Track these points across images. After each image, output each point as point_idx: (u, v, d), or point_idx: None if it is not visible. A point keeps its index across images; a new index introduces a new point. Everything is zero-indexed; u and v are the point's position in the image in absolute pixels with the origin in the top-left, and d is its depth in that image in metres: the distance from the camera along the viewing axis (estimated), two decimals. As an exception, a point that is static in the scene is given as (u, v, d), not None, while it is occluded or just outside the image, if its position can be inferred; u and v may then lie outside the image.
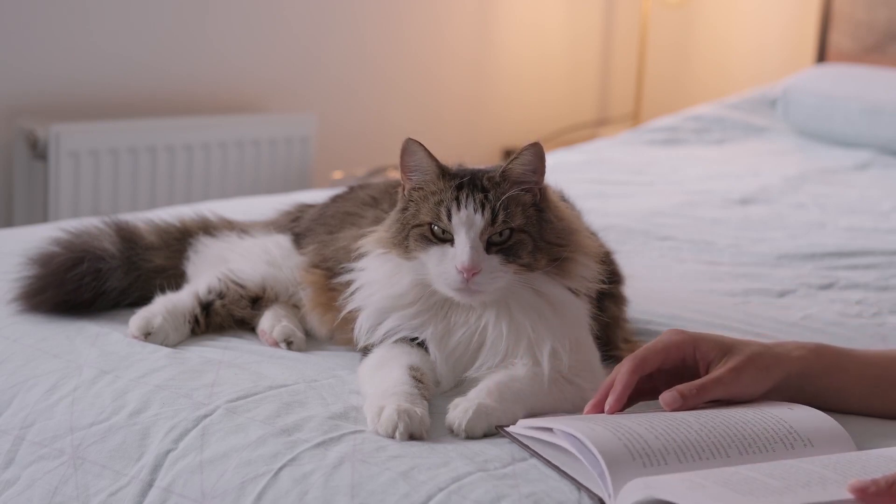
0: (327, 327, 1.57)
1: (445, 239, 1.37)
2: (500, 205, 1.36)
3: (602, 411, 1.27)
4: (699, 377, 1.30)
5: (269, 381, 1.40)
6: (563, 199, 1.55)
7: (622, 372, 1.29)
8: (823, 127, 3.55)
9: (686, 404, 1.26)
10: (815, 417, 1.26)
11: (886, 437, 1.31)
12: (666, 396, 1.26)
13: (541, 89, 4.41)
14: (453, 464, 1.20)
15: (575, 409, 1.35)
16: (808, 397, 1.32)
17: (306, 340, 1.57)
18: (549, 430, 1.21)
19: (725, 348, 1.31)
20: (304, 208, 1.78)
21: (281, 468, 1.23)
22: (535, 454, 1.21)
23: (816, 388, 1.34)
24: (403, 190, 1.43)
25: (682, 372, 1.32)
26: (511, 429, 1.26)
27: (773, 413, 1.24)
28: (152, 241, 1.70)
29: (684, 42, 4.51)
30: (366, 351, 1.44)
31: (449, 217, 1.36)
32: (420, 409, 1.28)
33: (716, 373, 1.29)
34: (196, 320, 1.57)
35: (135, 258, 1.66)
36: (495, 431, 1.28)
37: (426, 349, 1.40)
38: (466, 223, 1.35)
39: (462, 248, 1.34)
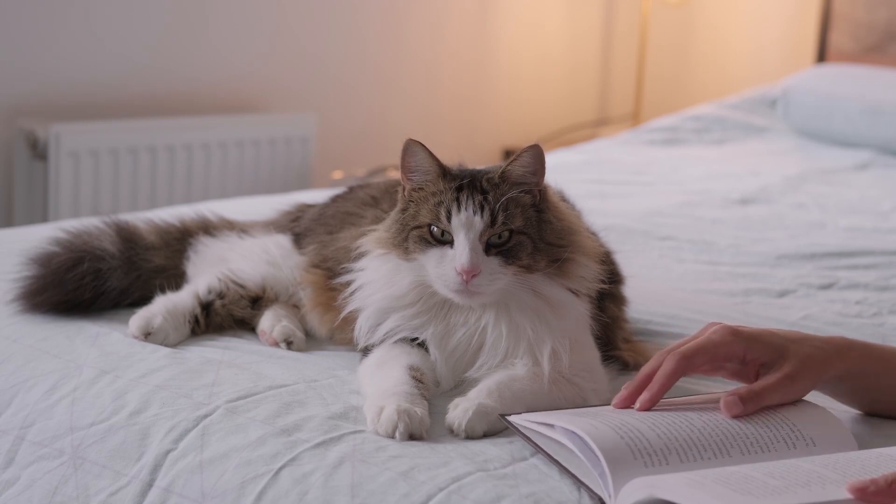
0: (327, 327, 1.57)
1: (445, 241, 1.37)
2: (500, 206, 1.36)
3: (633, 403, 1.24)
4: (741, 371, 1.28)
5: (269, 381, 1.40)
6: (564, 199, 1.55)
7: (665, 372, 1.24)
8: (823, 127, 3.55)
9: (747, 410, 1.22)
10: (820, 416, 1.25)
11: (887, 437, 1.31)
12: (728, 401, 1.22)
13: (541, 89, 4.41)
14: (453, 464, 1.20)
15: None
16: (839, 393, 1.32)
17: (306, 340, 1.57)
18: (552, 426, 1.21)
19: (778, 351, 1.26)
20: (304, 208, 1.78)
21: (281, 468, 1.23)
22: (537, 448, 1.21)
23: (858, 386, 1.33)
24: (404, 190, 1.43)
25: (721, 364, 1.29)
26: (513, 418, 1.26)
27: (777, 410, 1.24)
28: (152, 241, 1.70)
29: (684, 42, 4.51)
30: (366, 351, 1.44)
31: (448, 218, 1.36)
32: (420, 409, 1.28)
33: (771, 379, 1.25)
34: (196, 320, 1.57)
35: (135, 258, 1.66)
36: (495, 432, 1.28)
37: (426, 349, 1.40)
38: (466, 225, 1.35)
39: (461, 250, 1.34)
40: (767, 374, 1.26)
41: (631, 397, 1.25)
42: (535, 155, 1.38)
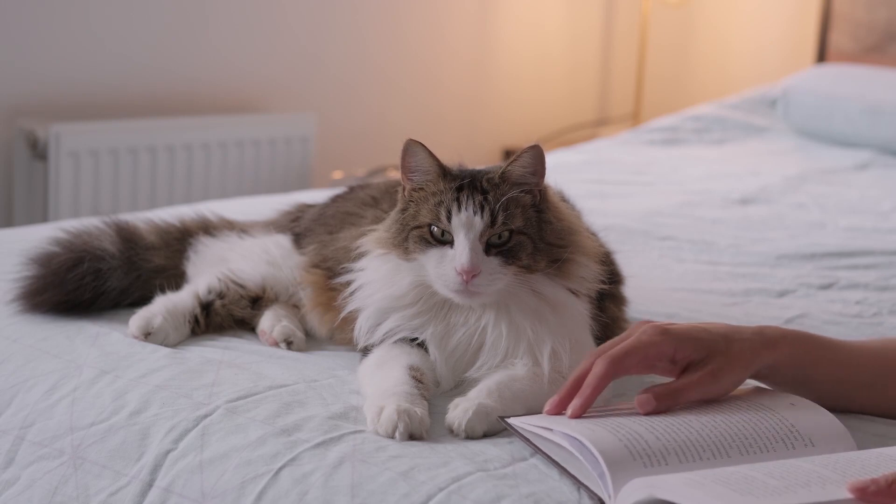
0: (327, 327, 1.57)
1: (445, 241, 1.37)
2: (500, 207, 1.36)
3: (565, 408, 1.24)
4: (672, 370, 1.28)
5: (269, 381, 1.40)
6: (564, 199, 1.55)
7: (595, 376, 1.23)
8: (823, 127, 3.55)
9: (659, 407, 1.23)
10: (817, 415, 1.25)
11: (886, 436, 1.31)
12: (641, 399, 1.23)
13: (541, 89, 4.41)
14: (453, 464, 1.20)
15: (575, 409, 1.35)
16: (777, 383, 1.32)
17: (306, 340, 1.57)
18: (550, 429, 1.21)
19: (707, 348, 1.27)
20: (304, 208, 1.78)
21: (281, 468, 1.23)
22: (536, 449, 1.21)
23: (793, 376, 1.32)
24: (404, 191, 1.43)
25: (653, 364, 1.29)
26: (512, 421, 1.26)
27: (776, 410, 1.24)
28: (152, 241, 1.70)
29: (684, 42, 4.51)
30: (366, 351, 1.44)
31: (449, 218, 1.36)
32: (420, 409, 1.28)
33: (694, 376, 1.25)
34: (196, 320, 1.57)
35: (135, 258, 1.66)
36: (495, 432, 1.28)
37: (426, 349, 1.40)
38: (466, 225, 1.35)
39: (461, 250, 1.34)
40: (692, 370, 1.26)
41: (563, 402, 1.25)
42: (536, 155, 1.38)
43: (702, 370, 1.26)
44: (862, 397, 1.33)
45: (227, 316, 1.59)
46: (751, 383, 1.34)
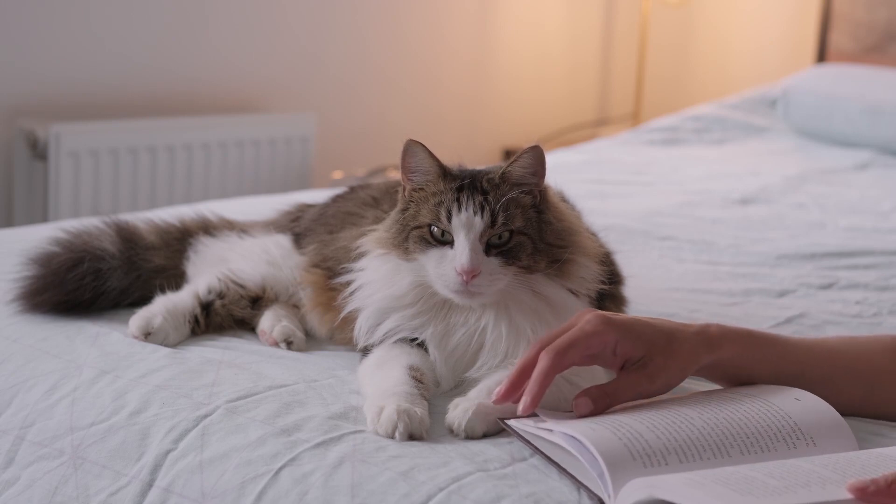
0: (327, 327, 1.57)
1: (445, 241, 1.37)
2: (500, 207, 1.36)
3: (512, 396, 1.24)
4: (613, 362, 1.28)
5: (269, 381, 1.40)
6: (564, 199, 1.55)
7: (541, 371, 1.23)
8: (823, 127, 3.55)
9: (596, 410, 1.23)
10: (820, 413, 1.24)
11: (885, 436, 1.31)
12: (578, 402, 1.24)
13: (541, 89, 4.41)
14: (453, 464, 1.20)
15: (575, 409, 1.35)
16: (720, 381, 1.33)
17: (306, 340, 1.57)
18: (550, 430, 1.21)
19: (647, 347, 1.27)
20: (304, 208, 1.79)
21: (281, 468, 1.23)
22: (536, 450, 1.21)
23: (735, 374, 1.32)
24: (404, 191, 1.43)
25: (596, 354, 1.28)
26: (512, 422, 1.26)
27: (779, 407, 1.24)
28: (152, 241, 1.70)
29: (684, 42, 4.51)
30: (366, 351, 1.44)
31: (449, 219, 1.36)
32: (420, 409, 1.28)
33: (630, 377, 1.26)
34: (196, 320, 1.57)
35: (135, 258, 1.66)
36: (495, 432, 1.28)
37: (426, 349, 1.40)
38: (466, 225, 1.35)
39: (461, 251, 1.34)
40: (630, 369, 1.27)
41: (508, 392, 1.25)
42: (536, 155, 1.38)
43: (638, 371, 1.26)
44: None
45: (227, 316, 1.59)
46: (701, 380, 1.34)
